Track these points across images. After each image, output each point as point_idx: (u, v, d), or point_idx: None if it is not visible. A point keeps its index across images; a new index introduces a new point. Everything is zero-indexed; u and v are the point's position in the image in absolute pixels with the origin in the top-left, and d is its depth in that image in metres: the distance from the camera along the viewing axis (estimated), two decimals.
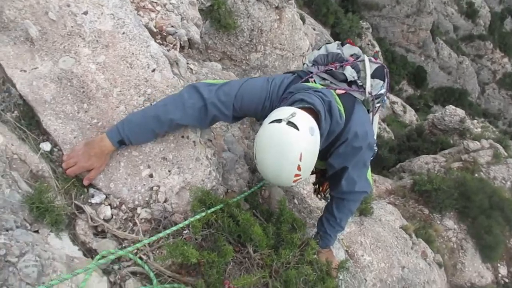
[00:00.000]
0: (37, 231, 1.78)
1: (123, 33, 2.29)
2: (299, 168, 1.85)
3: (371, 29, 32.22)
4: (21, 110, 2.09)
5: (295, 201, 3.44)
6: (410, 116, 25.64)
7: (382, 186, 10.94)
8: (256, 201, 2.48)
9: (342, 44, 2.71)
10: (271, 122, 1.87)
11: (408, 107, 27.01)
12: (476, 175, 11.30)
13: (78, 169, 2.00)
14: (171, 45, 3.27)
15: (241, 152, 2.74)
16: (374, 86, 2.40)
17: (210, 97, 2.11)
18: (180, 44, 3.40)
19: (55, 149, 2.08)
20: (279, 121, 1.84)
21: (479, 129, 16.75)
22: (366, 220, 6.22)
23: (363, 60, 2.50)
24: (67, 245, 1.85)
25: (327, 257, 2.56)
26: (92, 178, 2.03)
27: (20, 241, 1.58)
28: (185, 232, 2.06)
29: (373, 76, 2.43)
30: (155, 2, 3.53)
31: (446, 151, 13.19)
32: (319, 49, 2.70)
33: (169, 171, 2.15)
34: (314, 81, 2.34)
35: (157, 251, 1.98)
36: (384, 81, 2.48)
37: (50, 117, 2.06)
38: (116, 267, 1.89)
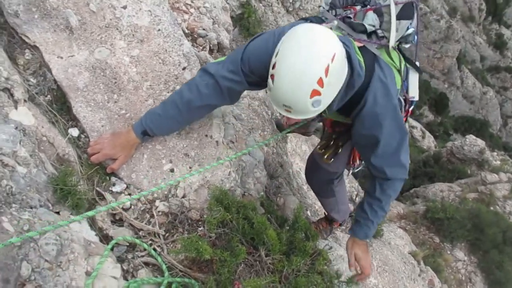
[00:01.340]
0: (58, 213, 1.82)
1: (159, 30, 2.35)
2: (321, 81, 1.63)
3: None
4: (54, 94, 2.15)
5: (308, 212, 3.45)
6: (429, 142, 25.36)
7: (394, 210, 10.82)
8: (272, 206, 2.49)
9: None
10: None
11: (427, 133, 26.73)
12: (492, 208, 11.10)
13: (102, 156, 2.05)
14: (201, 47, 3.34)
15: (260, 157, 2.77)
16: (400, 30, 2.18)
17: (218, 70, 2.02)
18: (210, 47, 3.46)
19: (83, 136, 2.14)
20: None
21: (498, 162, 16.46)
22: (375, 242, 6.16)
23: (389, 4, 2.17)
24: (85, 229, 1.89)
25: (362, 250, 2.37)
26: (116, 168, 2.08)
27: (43, 219, 1.63)
28: (200, 229, 2.08)
29: (399, 17, 2.16)
30: (189, 4, 3.60)
31: (463, 181, 12.99)
32: None
33: (190, 167, 2.18)
34: (331, 28, 2.05)
35: (171, 245, 2.01)
36: (411, 19, 2.23)
37: (81, 104, 2.12)
38: (130, 256, 1.92)
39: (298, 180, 3.86)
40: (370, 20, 2.13)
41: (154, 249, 1.94)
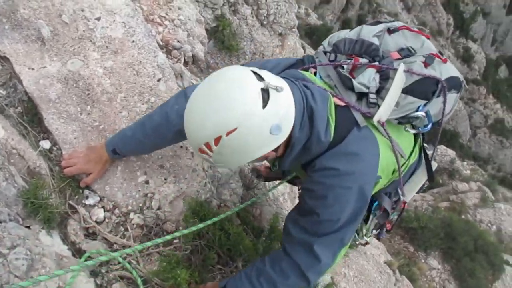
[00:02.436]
0: (28, 227, 1.78)
1: (133, 41, 2.34)
2: (216, 142, 1.39)
3: None
4: (24, 106, 2.11)
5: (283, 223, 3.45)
6: None
7: None
8: (248, 217, 2.49)
9: (392, 30, 1.87)
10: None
11: None
12: (463, 216, 11.38)
13: (76, 170, 2.02)
14: (176, 59, 3.34)
15: (236, 168, 2.77)
16: (402, 107, 1.72)
17: None
18: (185, 59, 3.46)
19: (54, 148, 2.09)
20: (257, 77, 1.41)
21: (469, 172, 16.94)
22: (351, 253, 6.21)
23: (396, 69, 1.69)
24: (57, 243, 1.85)
25: None
26: (89, 182, 2.04)
27: (12, 233, 1.58)
28: (175, 241, 2.06)
29: (407, 91, 1.70)
30: (164, 17, 3.61)
31: (435, 190, 13.29)
32: (351, 30, 1.93)
33: (165, 179, 2.17)
34: (316, 73, 1.81)
35: (147, 258, 1.98)
36: (428, 100, 1.75)
37: (53, 116, 2.09)
38: (103, 270, 1.88)
39: (273, 191, 3.86)
40: (367, 79, 1.71)
41: (129, 262, 1.91)
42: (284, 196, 4.04)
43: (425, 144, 2.13)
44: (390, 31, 1.87)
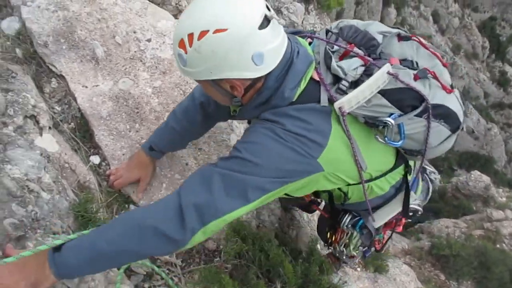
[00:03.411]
0: None
1: None
2: (200, 36, 1.35)
3: None
4: (77, 122, 2.21)
5: (318, 246, 3.43)
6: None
7: (399, 245, 10.69)
8: (286, 238, 2.50)
9: (404, 38, 1.68)
10: None
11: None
12: (498, 245, 10.98)
13: (123, 180, 2.09)
14: None
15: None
16: (373, 106, 1.54)
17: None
18: None
19: (103, 163, 2.18)
20: (266, 5, 1.43)
21: (504, 199, 16.35)
22: (380, 278, 6.06)
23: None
24: None
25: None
26: (142, 189, 2.12)
27: None
28: (216, 259, 2.09)
29: (384, 93, 1.54)
30: None
31: (468, 217, 12.88)
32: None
33: None
34: (311, 44, 1.70)
35: (188, 275, 2.02)
36: (402, 111, 1.56)
37: (103, 133, 2.17)
38: (147, 285, 1.92)
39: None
40: (348, 65, 1.57)
41: (172, 279, 1.95)
42: (314, 217, 4.03)
43: (431, 172, 2.18)
44: (401, 37, 1.68)
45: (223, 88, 1.52)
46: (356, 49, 1.63)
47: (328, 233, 2.28)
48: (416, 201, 2.13)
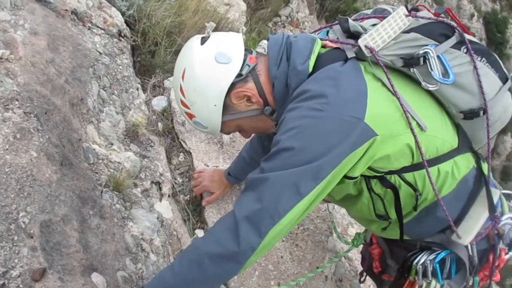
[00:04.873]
0: None
1: None
2: (182, 91, 1.50)
3: None
4: (192, 196, 2.41)
5: None
6: None
7: None
8: None
9: (415, 10, 1.51)
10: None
11: None
12: None
13: (201, 187, 2.33)
14: None
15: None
16: (402, 41, 1.41)
17: None
18: None
19: None
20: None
21: None
22: None
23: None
24: None
25: None
26: (210, 201, 2.33)
27: None
28: None
29: (410, 30, 1.43)
30: None
31: None
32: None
33: None
34: (327, 33, 1.60)
35: None
36: (435, 40, 1.41)
37: (212, 210, 2.33)
38: None
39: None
40: (365, 23, 1.55)
41: None
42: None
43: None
44: (409, 11, 1.48)
45: (241, 111, 1.54)
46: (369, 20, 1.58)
47: None
48: (508, 219, 1.62)
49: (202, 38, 1.53)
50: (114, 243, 1.63)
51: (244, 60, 1.49)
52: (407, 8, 1.47)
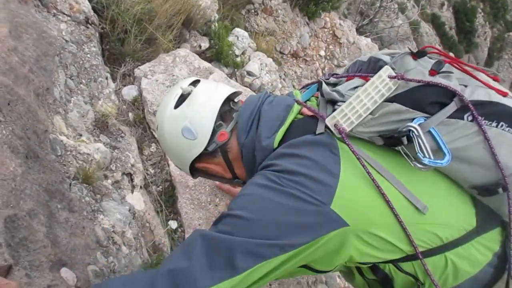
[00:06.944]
0: None
1: None
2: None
3: None
4: (165, 186, 2.37)
5: None
6: None
7: None
8: None
9: (419, 55, 1.28)
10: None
11: None
12: None
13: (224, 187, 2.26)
14: None
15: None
16: (382, 116, 1.19)
17: None
18: None
19: (179, 230, 2.28)
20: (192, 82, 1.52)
21: None
22: None
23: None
24: None
25: None
26: (222, 187, 2.28)
27: None
28: None
29: (394, 99, 1.19)
30: None
31: None
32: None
33: None
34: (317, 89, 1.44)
35: None
36: (421, 111, 1.18)
37: (186, 201, 2.30)
38: None
39: None
40: (343, 87, 1.31)
41: None
42: None
43: None
44: (415, 55, 1.28)
45: (210, 174, 1.63)
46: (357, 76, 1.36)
47: None
48: None
49: (181, 96, 1.48)
50: (84, 237, 1.59)
51: (212, 137, 1.45)
52: (411, 52, 1.28)
